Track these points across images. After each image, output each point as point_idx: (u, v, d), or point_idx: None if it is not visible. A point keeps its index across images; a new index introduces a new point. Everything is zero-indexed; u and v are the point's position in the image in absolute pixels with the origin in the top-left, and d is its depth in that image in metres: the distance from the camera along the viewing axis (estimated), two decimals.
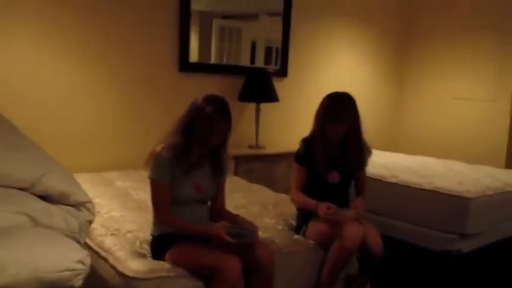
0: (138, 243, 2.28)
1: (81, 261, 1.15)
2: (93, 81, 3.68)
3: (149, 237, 2.28)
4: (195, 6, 4.03)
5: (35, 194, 1.28)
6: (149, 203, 2.81)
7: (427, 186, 3.56)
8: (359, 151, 2.61)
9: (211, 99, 2.15)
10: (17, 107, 3.22)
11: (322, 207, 2.46)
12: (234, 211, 2.45)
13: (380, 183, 3.80)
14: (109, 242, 2.29)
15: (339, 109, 2.53)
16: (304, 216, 2.62)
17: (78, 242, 1.27)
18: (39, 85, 3.46)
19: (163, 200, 2.13)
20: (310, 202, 2.56)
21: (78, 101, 3.64)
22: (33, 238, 1.15)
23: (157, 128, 2.36)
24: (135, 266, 2.02)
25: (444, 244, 3.38)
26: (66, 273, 1.12)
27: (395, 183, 3.75)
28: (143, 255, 2.17)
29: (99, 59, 3.68)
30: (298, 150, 2.68)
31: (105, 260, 2.15)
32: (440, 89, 5.53)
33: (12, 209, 1.19)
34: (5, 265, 1.06)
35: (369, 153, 2.70)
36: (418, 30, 5.74)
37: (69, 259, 1.14)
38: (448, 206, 3.38)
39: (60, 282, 1.12)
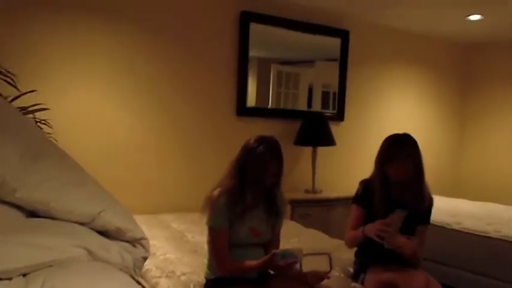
0: (192, 286, 2.27)
1: None
2: (155, 125, 3.82)
3: (203, 281, 2.27)
4: (253, 53, 4.15)
5: (93, 229, 1.32)
6: (204, 246, 2.83)
7: (494, 235, 3.36)
8: (420, 196, 2.50)
9: (262, 140, 2.15)
10: (81, 146, 3.37)
11: (373, 226, 2.33)
12: None
13: (443, 230, 3.63)
14: (163, 283, 2.29)
15: (397, 147, 2.46)
16: (363, 264, 2.52)
17: (132, 277, 1.29)
18: (105, 127, 3.62)
19: (223, 247, 2.10)
20: (359, 230, 2.45)
21: (140, 144, 3.77)
22: (92, 271, 1.18)
23: (215, 172, 2.38)
24: None
25: None
26: None
27: (460, 231, 3.57)
28: None
29: (162, 104, 3.83)
30: (357, 192, 2.61)
31: None
32: (503, 134, 5.29)
33: (72, 242, 1.22)
34: None
35: (430, 202, 2.56)
36: (478, 73, 5.60)
37: None
38: None
39: None
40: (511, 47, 5.26)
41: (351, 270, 2.62)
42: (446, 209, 3.97)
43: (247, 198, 2.13)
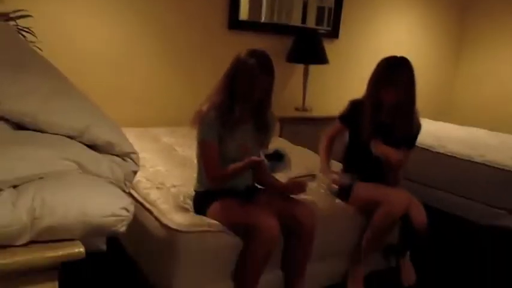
0: (181, 198, 2.33)
1: (125, 208, 1.17)
2: (144, 38, 3.72)
3: (192, 193, 2.33)
4: None
5: (82, 143, 1.31)
6: (193, 159, 2.87)
7: (477, 159, 3.44)
8: (409, 122, 2.51)
9: (253, 54, 2.11)
10: (67, 57, 3.29)
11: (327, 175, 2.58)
12: None
13: (428, 152, 3.71)
14: (154, 195, 2.36)
15: (394, 72, 2.43)
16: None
17: (123, 190, 1.31)
18: (93, 39, 3.52)
19: (213, 158, 2.13)
20: (323, 164, 2.67)
21: (128, 57, 3.69)
22: (82, 184, 1.18)
23: (205, 86, 2.36)
24: (178, 219, 2.07)
25: (491, 219, 3.29)
26: (112, 218, 1.15)
27: (444, 154, 3.64)
28: (186, 210, 2.22)
29: (151, 16, 3.70)
30: (344, 110, 2.63)
31: (150, 211, 2.22)
32: (499, 61, 5.24)
33: (62, 155, 1.22)
34: (54, 207, 1.10)
35: (418, 128, 2.58)
36: None
37: (115, 205, 1.16)
38: (499, 180, 3.27)
39: (105, 226, 1.15)
40: None
41: (336, 187, 2.70)
42: (433, 132, 4.03)
43: (236, 113, 2.12)
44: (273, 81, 2.14)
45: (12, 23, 2.75)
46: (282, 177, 2.30)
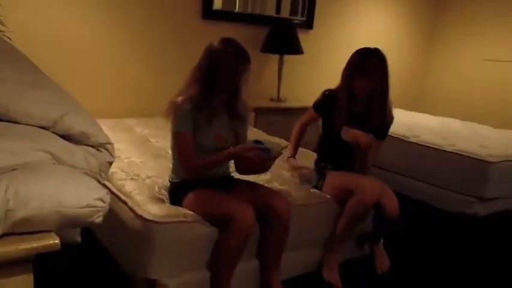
0: (156, 189, 2.32)
1: (101, 199, 1.16)
2: (116, 27, 3.66)
3: (167, 183, 2.32)
4: None
5: (56, 133, 1.29)
6: (168, 150, 2.86)
7: (448, 148, 3.52)
8: (382, 113, 2.55)
9: (228, 43, 2.10)
10: (38, 47, 3.22)
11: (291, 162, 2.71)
12: None
13: (401, 142, 3.78)
14: (129, 186, 2.34)
15: (367, 62, 2.47)
16: (321, 171, 2.63)
17: (99, 181, 1.30)
18: (63, 29, 3.45)
19: (188, 149, 2.12)
20: (290, 150, 2.79)
21: (101, 47, 3.63)
22: (56, 175, 1.17)
23: (178, 76, 2.34)
24: (153, 210, 2.06)
25: (461, 206, 3.38)
26: (87, 209, 1.14)
27: (416, 143, 3.72)
28: (161, 201, 2.21)
29: (124, 7, 3.64)
30: (317, 99, 2.67)
31: (125, 203, 2.20)
32: (470, 50, 5.37)
33: (36, 146, 1.20)
34: (28, 198, 1.08)
35: (391, 120, 2.63)
36: None
37: (91, 196, 1.15)
38: (468, 169, 3.36)
39: (81, 217, 1.14)
40: None
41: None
42: (406, 122, 4.10)
43: (214, 104, 2.11)
44: (250, 67, 2.15)
45: None
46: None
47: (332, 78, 2.68)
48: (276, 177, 2.66)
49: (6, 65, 1.40)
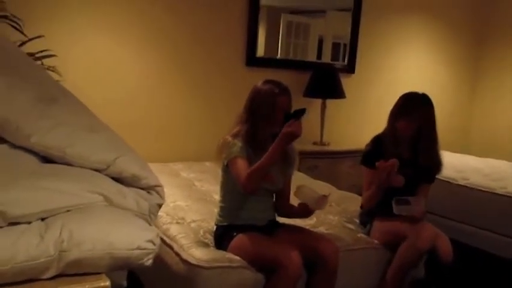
0: (201, 233, 2.32)
1: (151, 241, 1.17)
2: (165, 73, 3.79)
3: (213, 227, 2.31)
4: (264, 1, 4.05)
5: (109, 176, 1.32)
6: (213, 195, 2.87)
7: (499, 191, 3.39)
8: (430, 156, 2.51)
9: (268, 81, 2.19)
10: (91, 94, 3.35)
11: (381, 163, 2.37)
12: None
13: (449, 185, 3.66)
14: (174, 230, 2.34)
15: (409, 103, 2.47)
16: (369, 215, 2.56)
17: (148, 223, 1.31)
18: (115, 76, 3.60)
19: (245, 168, 2.06)
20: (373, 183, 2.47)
21: (149, 93, 3.76)
22: (108, 216, 1.19)
23: (224, 122, 2.38)
24: (198, 255, 2.05)
25: None
26: (138, 251, 1.15)
27: (466, 186, 3.59)
28: (206, 245, 2.20)
29: (172, 52, 3.79)
30: (365, 151, 2.60)
31: (170, 247, 2.20)
32: None
33: (89, 188, 1.23)
34: (81, 240, 1.10)
35: (440, 164, 2.57)
36: (494, 33, 5.44)
37: (141, 238, 1.16)
38: None
39: (132, 259, 1.15)
40: None
41: (357, 221, 2.66)
42: (453, 164, 3.98)
43: (259, 138, 2.14)
44: (291, 101, 2.17)
45: (37, 62, 2.83)
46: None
47: (375, 121, 2.66)
48: (322, 222, 2.60)
49: (66, 110, 1.46)
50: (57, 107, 1.46)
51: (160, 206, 1.40)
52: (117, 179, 1.33)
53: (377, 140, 2.58)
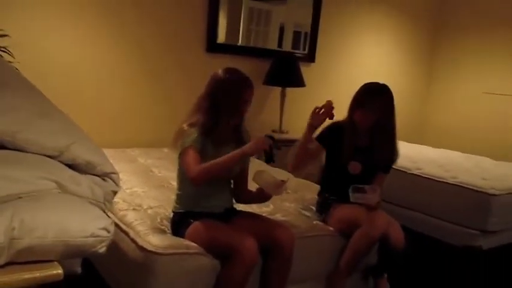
0: (158, 219, 2.31)
1: (105, 229, 1.16)
2: (121, 58, 3.72)
3: (170, 214, 2.31)
4: None
5: (62, 162, 1.30)
6: (171, 181, 2.86)
7: (451, 181, 3.51)
8: (386, 147, 2.57)
9: (231, 71, 2.17)
10: (45, 78, 3.26)
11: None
12: None
13: (403, 174, 3.77)
14: (130, 216, 2.32)
15: (368, 95, 2.51)
16: (325, 203, 2.62)
17: (103, 211, 1.29)
18: (70, 60, 3.51)
19: (196, 161, 2.05)
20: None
21: (105, 78, 3.68)
22: (61, 203, 1.17)
23: (183, 107, 2.36)
24: (155, 241, 2.04)
25: (465, 239, 3.34)
26: (92, 239, 1.14)
27: (419, 176, 3.71)
28: (163, 231, 2.19)
29: (128, 37, 3.71)
30: (322, 131, 2.65)
31: (126, 233, 2.18)
32: (470, 83, 5.42)
33: (42, 175, 1.20)
34: (33, 227, 1.08)
35: (396, 155, 2.63)
36: (450, 22, 5.62)
37: (95, 225, 1.15)
38: (471, 201, 3.34)
39: (85, 247, 1.13)
40: None
41: (314, 208, 2.71)
42: (408, 154, 4.10)
43: (220, 131, 2.12)
44: (253, 93, 2.18)
45: None
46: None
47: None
48: (279, 209, 2.64)
49: (18, 94, 1.42)
50: (9, 91, 1.41)
51: (115, 193, 1.39)
52: (71, 166, 1.31)
53: (336, 126, 2.61)
